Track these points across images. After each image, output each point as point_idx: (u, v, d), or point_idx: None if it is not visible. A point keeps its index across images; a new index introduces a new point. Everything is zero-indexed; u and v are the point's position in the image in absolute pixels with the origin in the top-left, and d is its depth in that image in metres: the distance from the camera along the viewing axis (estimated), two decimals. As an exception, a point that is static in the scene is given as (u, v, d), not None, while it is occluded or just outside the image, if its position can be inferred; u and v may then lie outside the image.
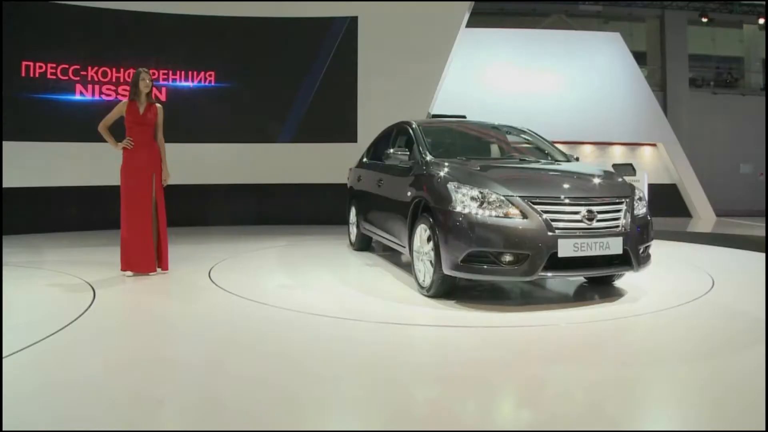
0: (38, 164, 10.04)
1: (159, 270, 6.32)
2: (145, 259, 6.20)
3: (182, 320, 4.74)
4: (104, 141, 6.35)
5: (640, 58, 18.52)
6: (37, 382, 3.34)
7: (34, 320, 4.71)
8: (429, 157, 5.78)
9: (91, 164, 10.07)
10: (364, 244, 7.81)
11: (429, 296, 5.20)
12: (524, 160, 6.27)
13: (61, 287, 5.79)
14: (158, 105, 6.41)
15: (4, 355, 3.71)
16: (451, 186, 5.03)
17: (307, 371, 3.49)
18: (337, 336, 4.23)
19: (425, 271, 5.28)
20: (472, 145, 6.94)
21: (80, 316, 4.70)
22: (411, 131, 6.45)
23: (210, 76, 11.13)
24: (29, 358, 3.73)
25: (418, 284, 5.40)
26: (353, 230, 8.01)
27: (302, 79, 11.29)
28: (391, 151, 6.22)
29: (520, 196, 4.82)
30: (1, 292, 5.17)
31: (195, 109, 10.94)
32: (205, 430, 2.73)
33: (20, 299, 5.44)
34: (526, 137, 6.91)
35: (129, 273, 6.22)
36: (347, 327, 4.45)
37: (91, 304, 5.06)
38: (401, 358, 3.77)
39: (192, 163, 10.18)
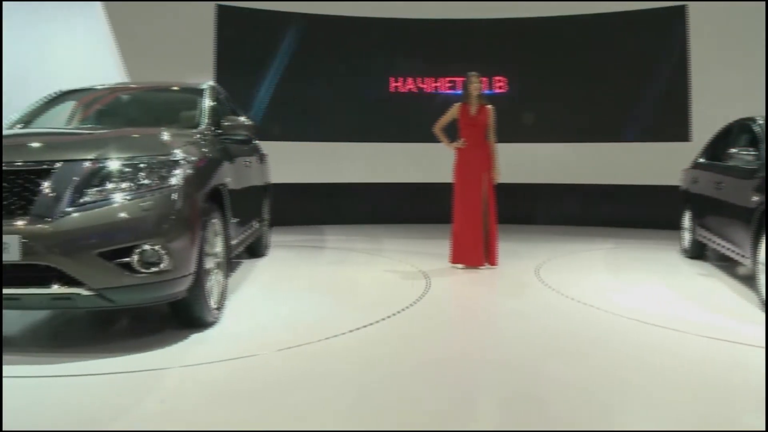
0: (380, 163, 11.03)
1: (487, 265, 6.59)
2: (474, 253, 6.53)
3: (508, 316, 4.91)
4: (438, 141, 6.83)
5: None
6: (368, 358, 3.76)
7: (377, 301, 5.25)
8: (779, 159, 5.26)
9: (424, 163, 10.80)
10: (697, 252, 7.32)
11: (773, 314, 4.74)
12: None
13: (398, 273, 6.37)
14: (489, 106, 6.67)
15: (351, 329, 4.24)
16: (806, 192, 4.54)
17: (624, 380, 3.41)
18: (660, 347, 4.04)
19: (772, 286, 4.80)
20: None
21: (416, 301, 5.13)
22: (757, 129, 5.92)
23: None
24: (366, 336, 4.19)
25: (761, 300, 4.94)
26: (686, 236, 7.56)
27: (626, 76, 10.84)
28: (735, 150, 5.75)
29: None
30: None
31: (523, 109, 11.11)
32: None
33: (365, 282, 6.15)
34: None
35: (459, 265, 6.58)
36: (671, 338, 4.21)
37: (425, 292, 5.48)
38: (728, 380, 3.49)
39: (521, 162, 10.39)
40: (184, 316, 4.19)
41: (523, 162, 10.44)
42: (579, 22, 10.97)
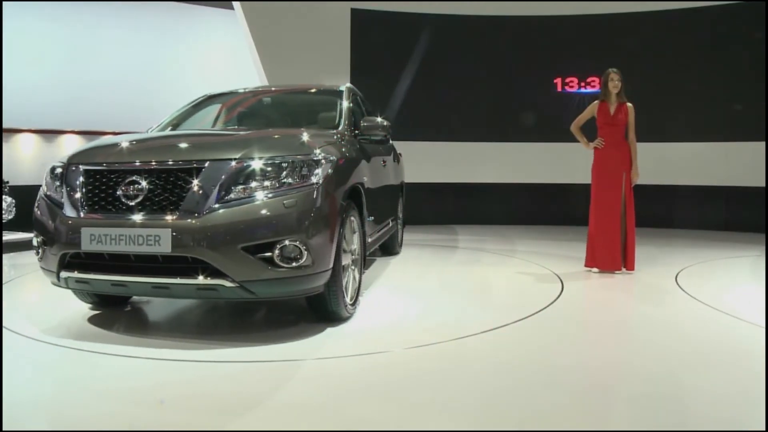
0: (513, 163, 10.93)
1: (624, 269, 6.37)
2: (611, 257, 6.32)
3: (645, 323, 4.70)
4: (575, 141, 6.66)
5: None
6: (497, 361, 3.70)
7: (509, 303, 5.21)
8: None
9: (560, 163, 10.59)
10: None
11: None
12: None
13: (531, 275, 6.29)
14: (629, 105, 6.43)
15: (481, 330, 4.22)
16: None
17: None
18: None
19: None
20: None
21: (550, 305, 5.04)
22: None
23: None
24: (496, 339, 4.13)
25: None
26: None
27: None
28: None
29: None
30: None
31: (661, 108, 10.66)
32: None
33: (497, 283, 6.12)
34: None
35: (594, 269, 6.41)
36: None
37: (559, 296, 5.37)
38: None
39: (658, 162, 9.97)
40: (321, 310, 4.32)
41: (661, 162, 10.03)
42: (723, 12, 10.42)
